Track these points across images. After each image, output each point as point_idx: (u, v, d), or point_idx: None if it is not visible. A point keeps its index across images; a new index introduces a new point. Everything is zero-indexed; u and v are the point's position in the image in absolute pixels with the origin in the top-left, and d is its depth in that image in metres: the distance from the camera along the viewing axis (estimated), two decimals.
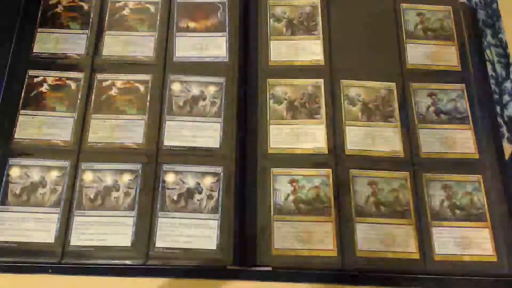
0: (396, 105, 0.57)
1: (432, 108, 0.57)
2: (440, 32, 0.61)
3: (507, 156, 0.55)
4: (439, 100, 0.57)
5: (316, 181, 0.52)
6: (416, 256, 0.50)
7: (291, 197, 0.52)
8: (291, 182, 0.53)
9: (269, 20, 0.61)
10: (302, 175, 0.53)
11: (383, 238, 0.50)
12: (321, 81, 0.57)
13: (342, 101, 0.56)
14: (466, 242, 0.50)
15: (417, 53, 0.60)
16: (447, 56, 0.60)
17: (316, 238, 0.50)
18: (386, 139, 0.55)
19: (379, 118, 0.56)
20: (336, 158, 0.54)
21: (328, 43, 0.59)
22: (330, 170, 0.53)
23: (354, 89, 0.57)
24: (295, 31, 0.60)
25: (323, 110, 0.56)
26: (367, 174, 0.53)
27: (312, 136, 0.55)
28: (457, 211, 0.52)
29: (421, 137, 0.55)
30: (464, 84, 0.58)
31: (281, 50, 0.59)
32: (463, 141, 0.55)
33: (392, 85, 0.58)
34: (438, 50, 0.60)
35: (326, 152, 0.54)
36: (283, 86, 0.57)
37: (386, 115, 0.56)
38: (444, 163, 0.54)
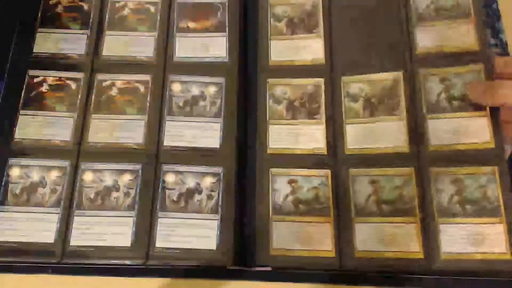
0: (402, 95, 0.53)
1: (443, 95, 0.52)
2: (455, 10, 0.55)
3: (507, 156, 0.54)
4: (453, 86, 0.52)
5: (315, 181, 0.52)
6: (421, 255, 0.48)
7: (290, 197, 0.52)
8: (290, 182, 0.52)
9: (270, 19, 0.60)
10: (301, 175, 0.53)
11: (385, 238, 0.49)
12: (321, 81, 0.57)
13: (343, 99, 0.55)
14: (477, 239, 0.47)
15: (428, 36, 0.55)
16: (464, 35, 0.54)
17: (315, 239, 0.50)
18: (390, 134, 0.52)
19: (383, 111, 0.53)
20: (336, 158, 0.53)
21: (329, 37, 0.58)
22: (329, 170, 0.53)
23: (356, 84, 0.55)
24: (296, 30, 0.60)
25: (323, 110, 0.55)
26: (368, 172, 0.52)
27: (311, 136, 0.54)
28: (468, 206, 0.48)
29: (430, 128, 0.51)
30: (483, 64, 0.52)
31: (281, 49, 0.59)
32: (477, 129, 0.50)
33: (399, 74, 0.54)
34: (452, 30, 0.55)
35: (326, 152, 0.54)
36: (283, 86, 0.57)
37: (391, 107, 0.53)
38: (455, 154, 0.50)
